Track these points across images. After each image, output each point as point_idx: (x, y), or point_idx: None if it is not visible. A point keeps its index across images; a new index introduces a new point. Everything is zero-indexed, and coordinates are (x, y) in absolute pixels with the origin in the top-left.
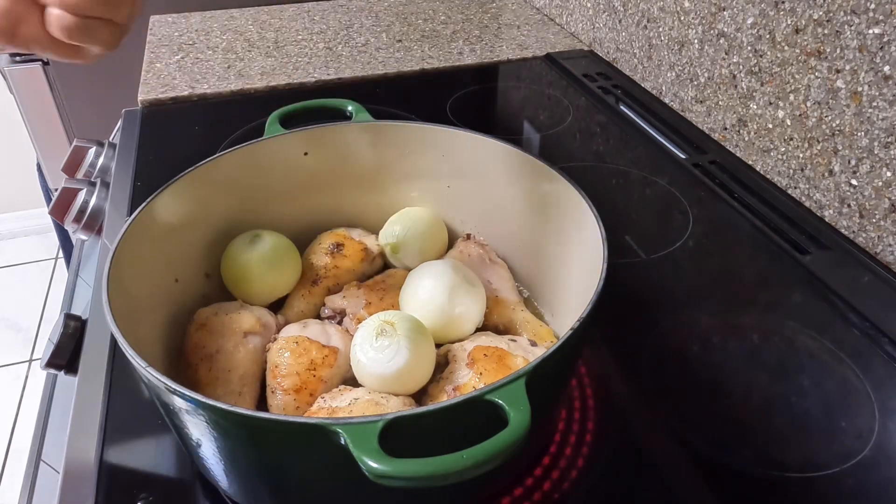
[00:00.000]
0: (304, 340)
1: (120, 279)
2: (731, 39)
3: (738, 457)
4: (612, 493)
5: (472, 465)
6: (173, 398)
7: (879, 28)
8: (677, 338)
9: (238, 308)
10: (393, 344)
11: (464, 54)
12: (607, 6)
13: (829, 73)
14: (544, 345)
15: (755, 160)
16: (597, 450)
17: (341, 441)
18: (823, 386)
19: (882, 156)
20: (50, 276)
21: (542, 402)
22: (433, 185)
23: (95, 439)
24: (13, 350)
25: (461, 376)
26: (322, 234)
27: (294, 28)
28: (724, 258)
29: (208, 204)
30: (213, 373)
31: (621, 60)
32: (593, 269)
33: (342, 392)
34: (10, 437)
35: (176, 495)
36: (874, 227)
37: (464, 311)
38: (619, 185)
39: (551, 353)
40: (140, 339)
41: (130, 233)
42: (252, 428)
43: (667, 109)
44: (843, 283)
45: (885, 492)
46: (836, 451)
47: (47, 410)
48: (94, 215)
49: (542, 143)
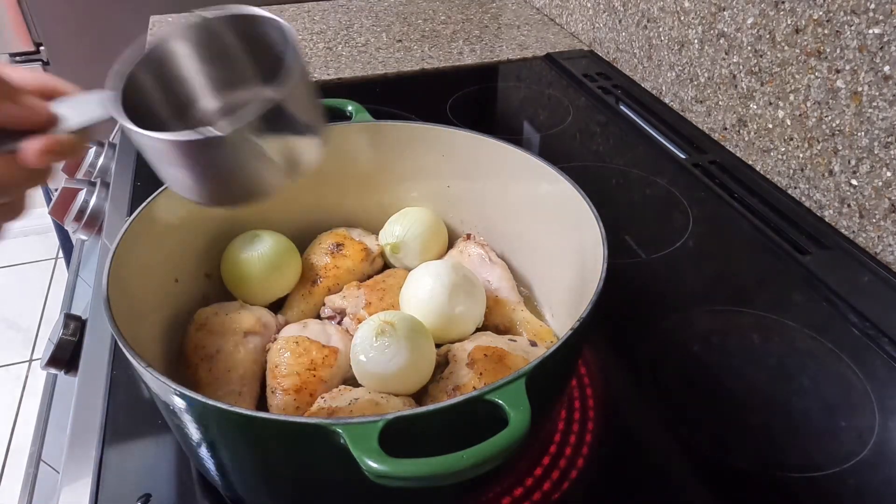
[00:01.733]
0: (304, 340)
1: (120, 279)
2: (731, 39)
3: (738, 457)
4: (612, 493)
5: (472, 465)
6: (173, 398)
7: (879, 28)
8: (677, 338)
9: (238, 308)
10: (393, 344)
11: (464, 54)
12: (607, 6)
13: (829, 73)
14: (544, 345)
15: (755, 160)
16: (597, 450)
17: (341, 441)
18: (823, 386)
19: (882, 156)
20: (50, 276)
21: (542, 402)
22: (433, 185)
23: (95, 439)
24: (13, 350)
25: (461, 376)
26: (322, 234)
27: (294, 28)
28: (724, 258)
29: None
30: (213, 373)
31: (621, 60)
32: (593, 269)
33: (342, 392)
34: (10, 437)
35: (176, 495)
36: (874, 227)
37: (464, 311)
38: (619, 185)
39: (551, 353)
40: (140, 339)
41: (130, 233)
42: (252, 428)
43: (667, 109)
44: (843, 283)
45: (885, 492)
46: (836, 451)
47: (47, 410)
48: (94, 215)
49: (542, 143)
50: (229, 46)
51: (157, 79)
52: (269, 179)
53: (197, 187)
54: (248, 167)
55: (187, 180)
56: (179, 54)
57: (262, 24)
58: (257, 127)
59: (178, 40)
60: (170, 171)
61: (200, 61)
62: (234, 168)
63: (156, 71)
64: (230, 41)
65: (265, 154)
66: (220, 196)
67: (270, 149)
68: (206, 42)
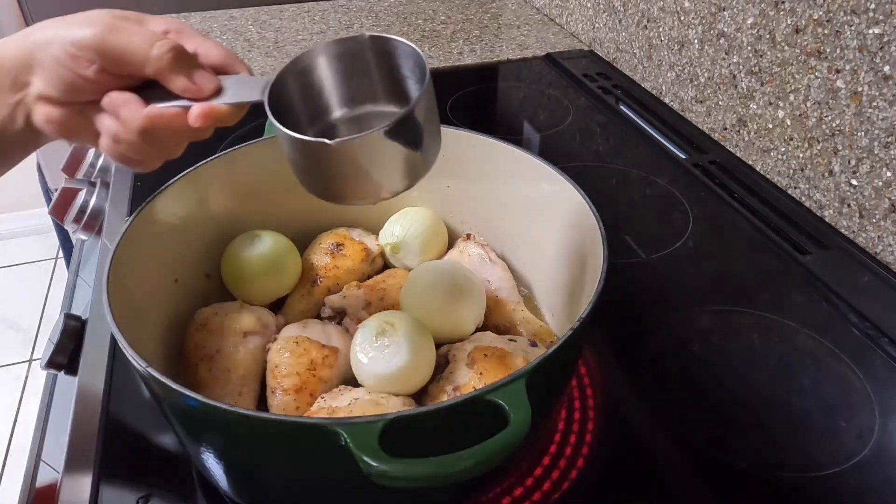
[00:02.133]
0: (304, 340)
1: (120, 279)
2: (731, 39)
3: (738, 457)
4: (612, 493)
5: (472, 465)
6: (173, 398)
7: (879, 28)
8: (677, 338)
9: (238, 308)
10: (393, 344)
11: (464, 54)
12: (607, 6)
13: (829, 73)
14: (544, 345)
15: (755, 160)
16: (597, 450)
17: (341, 441)
18: (823, 386)
19: (882, 156)
20: (50, 276)
21: (542, 402)
22: (433, 185)
23: (95, 439)
24: (13, 350)
25: (461, 376)
26: (322, 234)
27: (294, 28)
28: (724, 258)
29: (208, 204)
30: (213, 373)
31: (621, 60)
32: (593, 269)
33: (342, 392)
34: (10, 437)
35: (176, 495)
36: (874, 227)
37: (464, 311)
38: (619, 185)
39: (551, 353)
40: (140, 339)
41: (130, 233)
42: (252, 428)
43: (667, 109)
44: (843, 283)
45: (885, 492)
46: (836, 451)
47: (47, 410)
48: (94, 215)
49: (542, 143)
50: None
51: (299, 82)
52: (374, 186)
53: (310, 181)
54: (355, 172)
55: (306, 174)
56: (321, 65)
57: (397, 48)
58: (368, 141)
59: (322, 54)
60: (294, 162)
61: (337, 74)
62: (343, 171)
63: (299, 76)
64: (368, 59)
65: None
66: (329, 192)
67: (378, 160)
68: (346, 58)
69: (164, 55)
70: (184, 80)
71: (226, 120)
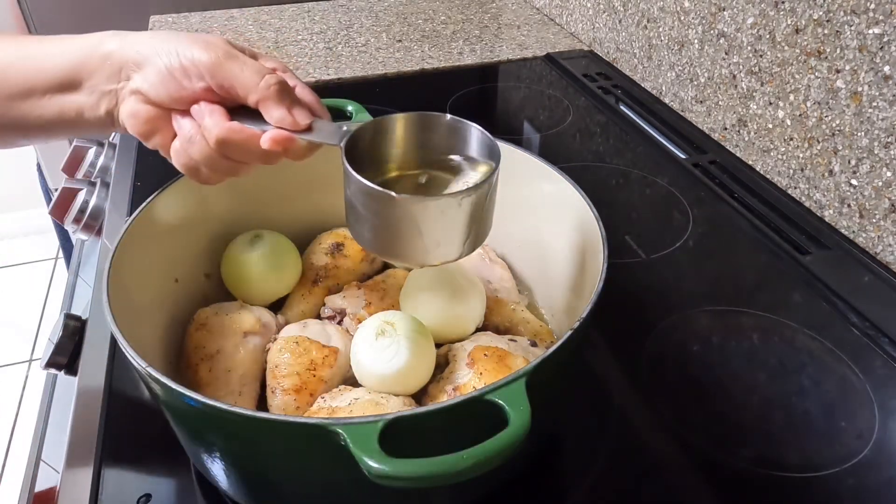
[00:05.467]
0: (304, 340)
1: (120, 279)
2: (731, 39)
3: (738, 457)
4: (612, 493)
5: (473, 465)
6: (173, 398)
7: (879, 28)
8: (677, 338)
9: (238, 308)
10: (393, 344)
11: (464, 54)
12: (607, 6)
13: (829, 73)
14: (544, 345)
15: (755, 160)
16: (597, 450)
17: (341, 441)
18: (823, 386)
19: (882, 156)
20: (50, 276)
21: (542, 402)
22: None
23: (95, 439)
24: (13, 350)
25: (461, 376)
26: (322, 234)
27: (294, 28)
28: (724, 258)
29: (208, 204)
30: (213, 373)
31: (621, 60)
32: (593, 270)
33: (342, 392)
34: (10, 437)
35: (176, 495)
36: (874, 227)
37: (464, 311)
38: (619, 185)
39: (551, 353)
40: (140, 339)
41: (130, 233)
42: (252, 428)
43: (667, 109)
44: (843, 283)
45: (885, 492)
46: (836, 451)
47: (47, 410)
48: (94, 215)
49: (542, 143)
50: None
51: (374, 139)
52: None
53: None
54: (410, 231)
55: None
56: (396, 129)
57: (471, 132)
58: (434, 203)
59: (401, 120)
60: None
61: (410, 141)
62: (398, 227)
63: (375, 133)
64: (442, 133)
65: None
66: (377, 244)
67: (436, 224)
68: (423, 128)
69: (271, 86)
70: (283, 112)
71: (298, 154)
